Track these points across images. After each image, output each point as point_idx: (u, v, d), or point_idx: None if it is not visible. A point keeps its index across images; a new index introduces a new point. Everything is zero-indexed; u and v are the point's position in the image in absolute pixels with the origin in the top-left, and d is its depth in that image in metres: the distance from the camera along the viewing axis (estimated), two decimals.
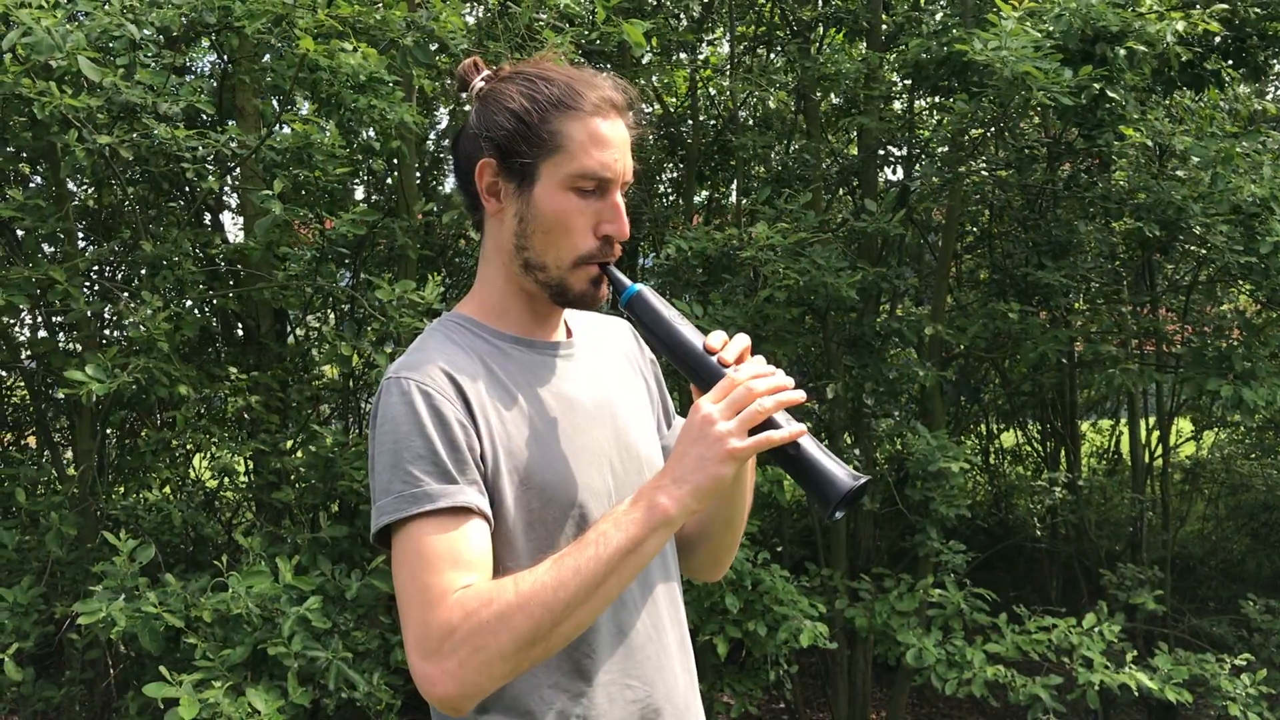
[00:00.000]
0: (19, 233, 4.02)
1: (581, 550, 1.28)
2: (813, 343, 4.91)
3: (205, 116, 4.04)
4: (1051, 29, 3.95)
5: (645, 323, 1.46)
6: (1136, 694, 3.94)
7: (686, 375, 1.44)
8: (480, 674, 1.25)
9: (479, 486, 1.35)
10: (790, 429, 1.32)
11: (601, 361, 1.59)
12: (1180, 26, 4.09)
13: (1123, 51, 3.99)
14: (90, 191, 4.73)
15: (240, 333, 4.70)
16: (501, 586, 1.27)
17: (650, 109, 5.98)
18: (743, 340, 1.42)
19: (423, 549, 1.30)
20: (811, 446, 1.34)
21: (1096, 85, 3.93)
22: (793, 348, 4.54)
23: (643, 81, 5.07)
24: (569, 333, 1.58)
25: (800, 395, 1.35)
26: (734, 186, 5.84)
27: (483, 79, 1.50)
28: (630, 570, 1.29)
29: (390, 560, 1.41)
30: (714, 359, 1.40)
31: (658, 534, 1.29)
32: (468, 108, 1.54)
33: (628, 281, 1.47)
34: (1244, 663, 4.21)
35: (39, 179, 4.41)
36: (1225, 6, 4.24)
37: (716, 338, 1.42)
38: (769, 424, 1.33)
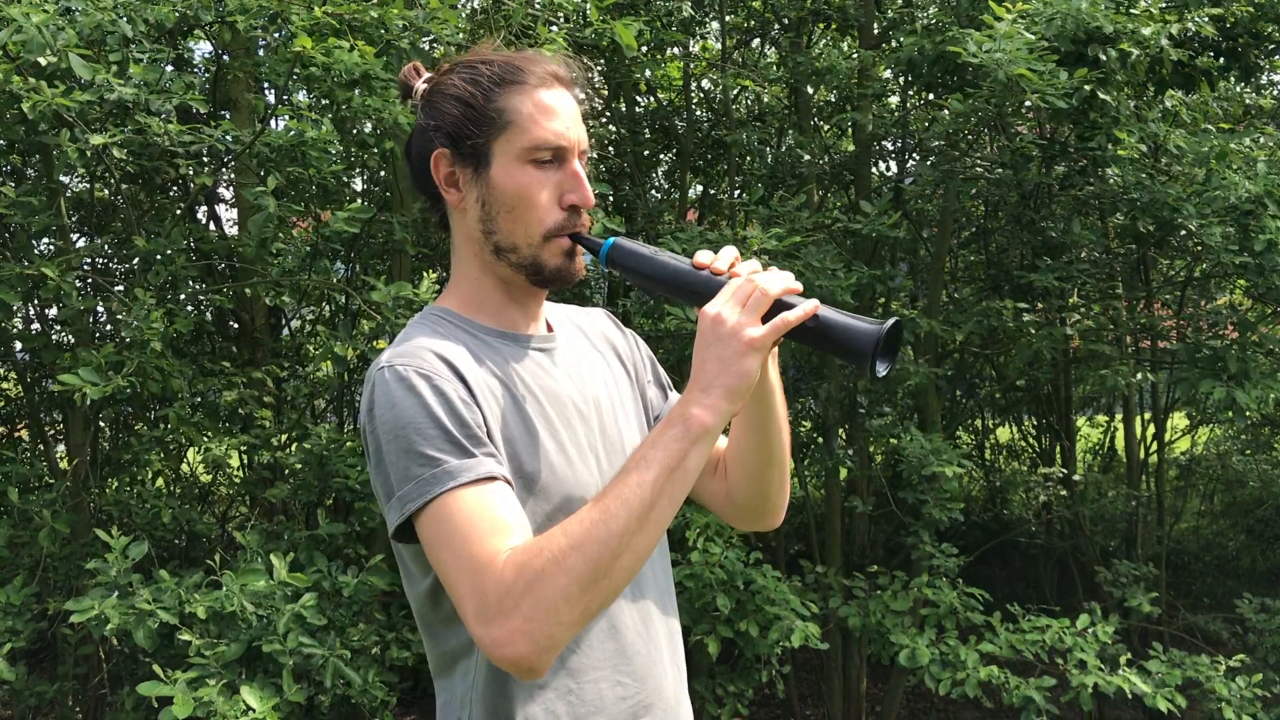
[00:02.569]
0: (13, 227, 3.99)
1: (624, 480, 1.25)
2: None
3: (198, 111, 4.02)
4: (1043, 31, 3.92)
5: (630, 268, 1.44)
6: (1129, 696, 3.94)
7: (687, 301, 1.40)
8: (549, 623, 1.20)
9: (496, 457, 1.33)
10: (804, 306, 1.30)
11: (583, 355, 1.58)
12: (1175, 29, 4.07)
13: (1115, 53, 3.97)
14: (84, 186, 4.71)
15: (235, 326, 4.69)
16: (549, 535, 1.24)
17: (644, 102, 5.96)
18: (731, 250, 1.41)
19: (458, 523, 1.26)
20: (830, 313, 1.31)
21: (1088, 86, 3.92)
22: (786, 348, 4.53)
23: (637, 74, 5.05)
24: (549, 327, 1.57)
25: (799, 285, 1.33)
26: (727, 183, 5.82)
27: (424, 81, 1.50)
28: (679, 490, 1.26)
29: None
30: (706, 273, 1.38)
31: (699, 446, 1.27)
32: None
33: (600, 240, 1.46)
34: (1238, 664, 4.21)
35: (31, 173, 4.38)
36: (1219, 11, 4.22)
37: (704, 255, 1.40)
38: (780, 307, 1.30)
